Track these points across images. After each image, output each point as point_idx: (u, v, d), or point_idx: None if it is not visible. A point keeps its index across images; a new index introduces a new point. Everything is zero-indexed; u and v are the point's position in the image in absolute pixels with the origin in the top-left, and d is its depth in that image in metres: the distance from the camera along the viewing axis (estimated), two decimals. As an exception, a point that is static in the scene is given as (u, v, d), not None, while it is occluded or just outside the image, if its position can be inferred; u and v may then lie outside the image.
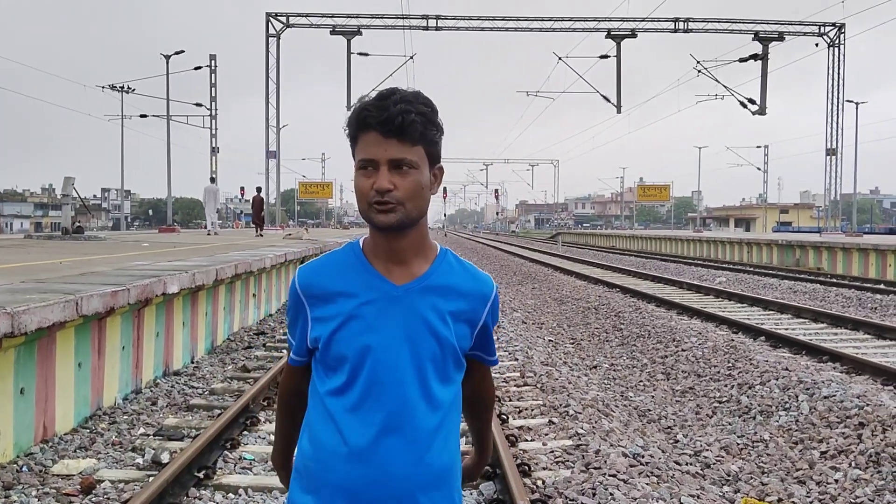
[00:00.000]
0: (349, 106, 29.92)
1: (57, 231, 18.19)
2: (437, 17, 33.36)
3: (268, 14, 33.63)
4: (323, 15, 33.42)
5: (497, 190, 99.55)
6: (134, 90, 40.35)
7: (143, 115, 39.38)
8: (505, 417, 5.63)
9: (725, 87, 33.03)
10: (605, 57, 32.38)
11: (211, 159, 34.37)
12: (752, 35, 32.53)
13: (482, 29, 34.03)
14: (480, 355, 1.63)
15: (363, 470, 1.46)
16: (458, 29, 34.09)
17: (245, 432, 5.28)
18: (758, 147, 67.35)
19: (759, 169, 65.29)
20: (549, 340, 10.07)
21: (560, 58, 32.79)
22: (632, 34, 32.36)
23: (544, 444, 5.00)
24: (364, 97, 1.49)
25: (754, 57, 31.62)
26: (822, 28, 33.20)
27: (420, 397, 1.48)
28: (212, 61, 34.93)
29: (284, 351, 8.30)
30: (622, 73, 32.64)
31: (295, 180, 71.12)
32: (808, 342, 8.93)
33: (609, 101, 33.18)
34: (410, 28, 33.31)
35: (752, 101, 32.11)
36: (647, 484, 4.21)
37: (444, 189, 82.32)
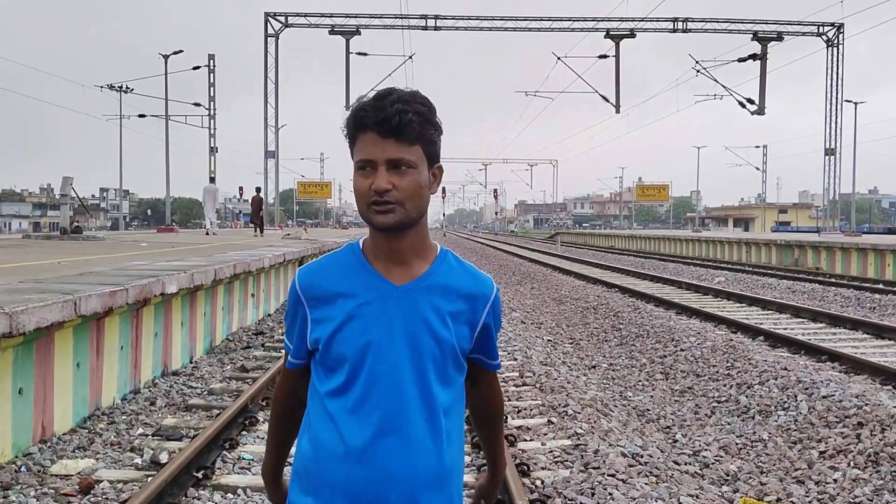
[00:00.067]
0: (348, 106, 29.89)
1: (55, 231, 18.17)
2: (436, 17, 33.36)
3: (266, 14, 33.63)
4: (322, 15, 33.42)
5: (496, 190, 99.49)
6: (133, 90, 40.37)
7: (142, 115, 39.41)
8: (504, 417, 5.63)
9: (724, 87, 33.06)
10: (604, 57, 32.37)
11: (210, 159, 34.38)
12: (751, 35, 32.54)
13: (481, 29, 34.04)
14: (482, 359, 1.61)
15: (362, 470, 1.45)
16: (457, 29, 34.10)
17: (244, 432, 5.28)
18: (756, 147, 67.40)
19: (758, 169, 65.39)
20: (548, 340, 10.08)
21: (559, 58, 32.81)
22: (631, 34, 32.35)
23: (543, 444, 5.00)
24: (363, 97, 1.49)
25: (753, 57, 31.64)
26: (821, 28, 33.22)
27: (419, 398, 1.48)
28: (210, 61, 34.95)
29: (283, 351, 8.28)
30: (621, 73, 32.66)
31: (294, 180, 71.25)
32: (807, 342, 8.93)
33: (608, 101, 33.18)
34: (409, 28, 33.32)
35: (751, 101, 32.12)
36: (646, 484, 4.21)
37: (443, 189, 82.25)
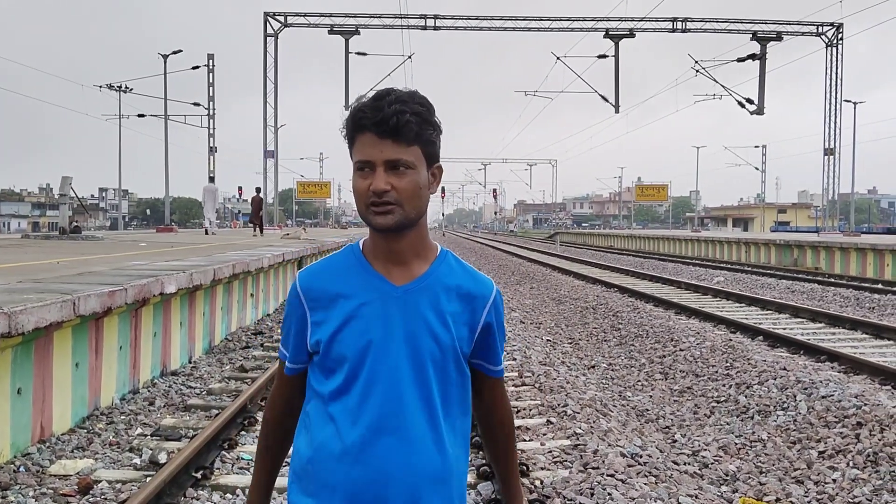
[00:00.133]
0: (347, 105, 29.89)
1: (54, 231, 18.15)
2: (436, 17, 33.36)
3: (266, 13, 33.62)
4: (321, 14, 33.40)
5: (495, 190, 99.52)
6: (132, 90, 40.39)
7: (141, 115, 39.40)
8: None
9: (724, 87, 33.08)
10: (604, 57, 32.38)
11: (209, 159, 34.39)
12: (751, 35, 32.55)
13: (480, 28, 34.04)
14: (483, 364, 1.59)
15: (362, 470, 1.45)
16: (457, 28, 34.11)
17: (243, 432, 5.27)
18: (756, 147, 67.45)
19: (757, 169, 65.44)
20: (548, 340, 10.07)
21: (558, 57, 32.81)
22: (630, 34, 32.36)
23: (542, 444, 5.00)
24: (362, 97, 1.49)
25: (752, 57, 31.65)
26: (821, 28, 33.23)
27: (418, 398, 1.47)
28: (210, 61, 34.95)
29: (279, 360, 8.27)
30: (620, 73, 32.66)
31: (293, 180, 71.20)
32: (806, 342, 8.94)
33: (607, 101, 33.19)
34: (408, 28, 33.31)
35: (751, 101, 32.13)
36: (645, 484, 4.21)
37: (443, 189, 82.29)
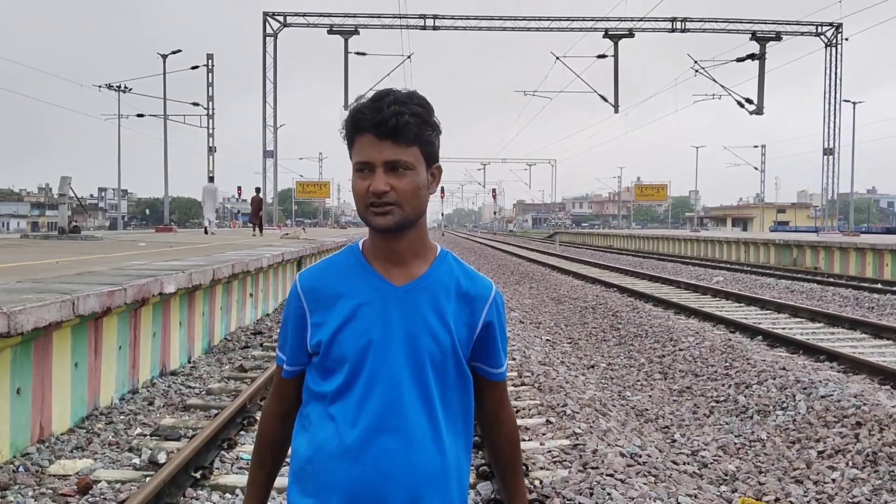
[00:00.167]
0: (346, 105, 29.87)
1: (53, 231, 18.15)
2: (435, 17, 33.35)
3: (265, 13, 33.60)
4: (320, 14, 33.37)
5: (494, 189, 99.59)
6: (131, 90, 40.39)
7: (141, 115, 39.39)
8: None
9: (723, 87, 33.09)
10: (603, 57, 32.38)
11: (208, 159, 34.36)
12: (750, 35, 32.55)
13: (480, 28, 34.03)
14: (483, 367, 1.58)
15: (361, 470, 1.45)
16: (456, 28, 34.11)
17: (242, 432, 5.27)
18: (755, 147, 67.45)
19: (757, 168, 65.41)
20: (547, 340, 10.08)
21: (557, 57, 32.81)
22: (629, 34, 32.36)
23: (542, 444, 5.00)
24: (361, 97, 1.49)
25: (752, 57, 31.65)
26: (820, 28, 33.25)
27: (417, 398, 1.47)
28: (209, 61, 34.92)
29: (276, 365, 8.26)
30: (619, 73, 32.65)
31: (292, 180, 71.20)
32: (806, 342, 8.94)
33: (606, 101, 33.18)
34: (408, 27, 33.29)
35: (750, 101, 32.14)
36: (645, 484, 4.21)
37: (442, 188, 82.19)
